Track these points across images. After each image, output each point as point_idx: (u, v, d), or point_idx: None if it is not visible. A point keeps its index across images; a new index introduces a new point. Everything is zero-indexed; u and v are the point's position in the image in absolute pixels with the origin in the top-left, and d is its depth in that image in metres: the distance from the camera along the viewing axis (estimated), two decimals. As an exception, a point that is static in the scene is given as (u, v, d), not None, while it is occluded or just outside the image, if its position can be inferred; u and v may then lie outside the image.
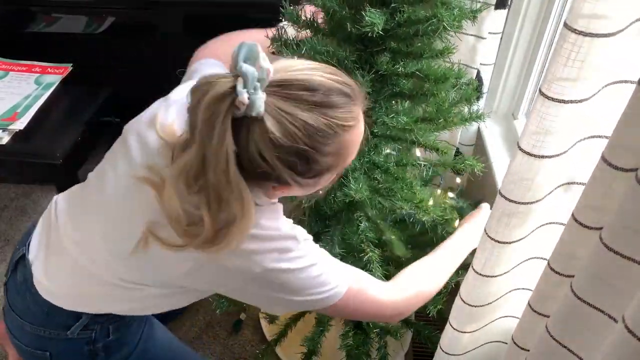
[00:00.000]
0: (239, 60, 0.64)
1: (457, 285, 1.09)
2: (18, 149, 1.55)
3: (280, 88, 0.67)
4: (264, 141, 0.66)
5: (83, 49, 1.88)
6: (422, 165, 1.16)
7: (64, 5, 1.84)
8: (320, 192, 0.88)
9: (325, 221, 1.23)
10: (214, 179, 0.67)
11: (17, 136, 1.54)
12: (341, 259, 1.15)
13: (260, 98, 0.64)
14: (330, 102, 0.69)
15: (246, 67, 0.63)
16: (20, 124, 1.54)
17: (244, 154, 0.67)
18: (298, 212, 1.34)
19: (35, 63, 1.78)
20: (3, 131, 1.52)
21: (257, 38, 1.24)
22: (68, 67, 1.77)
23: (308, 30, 0.99)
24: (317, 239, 1.19)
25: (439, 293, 1.27)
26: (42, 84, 1.71)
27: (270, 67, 0.66)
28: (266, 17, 1.07)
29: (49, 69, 1.77)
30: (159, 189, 0.73)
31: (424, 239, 1.22)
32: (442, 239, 1.15)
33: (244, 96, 0.62)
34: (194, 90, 0.67)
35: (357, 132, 0.75)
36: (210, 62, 1.07)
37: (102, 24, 1.85)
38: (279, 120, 0.66)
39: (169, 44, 1.91)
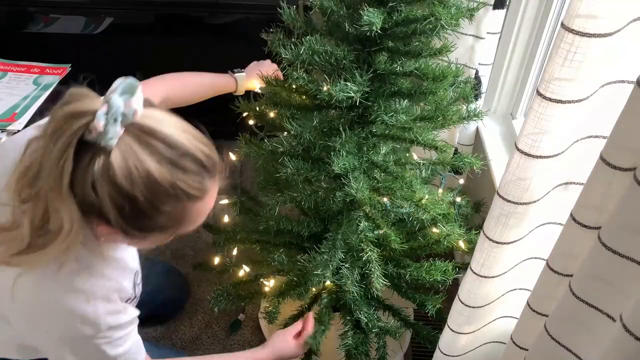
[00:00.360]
0: (113, 89, 0.64)
1: (456, 285, 1.08)
2: (16, 149, 1.55)
3: (142, 133, 0.65)
4: (102, 175, 0.64)
5: (82, 50, 1.88)
6: (421, 164, 1.16)
7: (62, 5, 1.84)
8: (155, 246, 0.82)
9: (325, 222, 1.23)
10: (46, 186, 0.65)
11: (16, 137, 1.54)
12: (341, 260, 1.16)
13: (116, 132, 0.63)
14: (183, 164, 0.67)
15: (115, 99, 0.63)
16: (19, 125, 1.54)
17: (78, 179, 0.65)
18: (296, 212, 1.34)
19: (34, 64, 1.78)
20: (2, 132, 1.52)
21: (202, 82, 1.20)
22: (66, 68, 1.77)
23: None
24: (317, 241, 1.19)
25: (438, 292, 1.27)
26: (41, 85, 1.71)
27: (140, 109, 0.65)
28: (265, 18, 1.07)
29: (47, 70, 1.77)
30: None
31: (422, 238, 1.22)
32: (441, 236, 1.15)
33: (100, 122, 0.62)
34: (67, 94, 0.66)
35: (202, 205, 0.73)
36: None
37: (100, 24, 1.85)
38: (125, 161, 0.64)
39: (167, 44, 1.91)
